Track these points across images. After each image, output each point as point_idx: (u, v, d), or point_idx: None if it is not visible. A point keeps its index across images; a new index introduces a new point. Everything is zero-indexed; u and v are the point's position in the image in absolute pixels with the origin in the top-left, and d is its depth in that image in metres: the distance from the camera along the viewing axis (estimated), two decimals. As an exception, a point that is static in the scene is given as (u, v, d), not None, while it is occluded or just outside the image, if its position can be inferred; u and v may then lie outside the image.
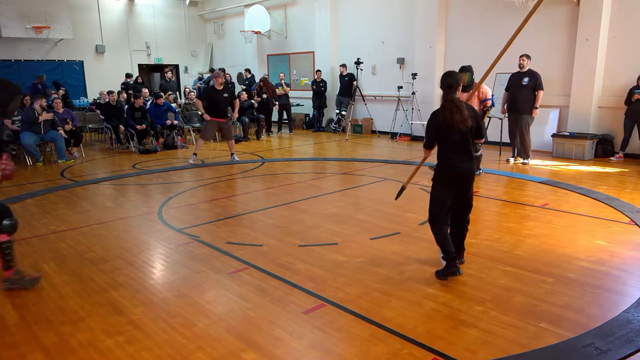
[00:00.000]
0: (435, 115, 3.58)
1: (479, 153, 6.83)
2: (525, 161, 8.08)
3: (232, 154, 8.93)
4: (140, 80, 14.29)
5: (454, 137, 3.49)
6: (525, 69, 7.74)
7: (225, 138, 9.06)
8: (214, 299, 3.41)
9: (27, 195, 6.51)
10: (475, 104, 6.57)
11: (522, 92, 7.73)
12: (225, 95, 8.65)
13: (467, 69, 6.62)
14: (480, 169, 7.22)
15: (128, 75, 14.55)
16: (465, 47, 10.46)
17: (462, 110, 3.44)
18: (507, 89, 8.00)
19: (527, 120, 7.82)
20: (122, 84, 13.94)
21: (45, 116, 8.90)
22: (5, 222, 3.51)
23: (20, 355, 2.71)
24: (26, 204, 6.10)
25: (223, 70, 14.45)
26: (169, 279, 3.74)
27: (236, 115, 9.41)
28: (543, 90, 7.79)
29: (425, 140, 3.74)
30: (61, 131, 9.15)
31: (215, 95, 8.56)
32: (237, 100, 9.19)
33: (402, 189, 4.20)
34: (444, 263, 3.65)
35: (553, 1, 8.91)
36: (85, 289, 3.56)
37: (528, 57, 7.80)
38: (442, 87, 3.52)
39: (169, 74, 14.46)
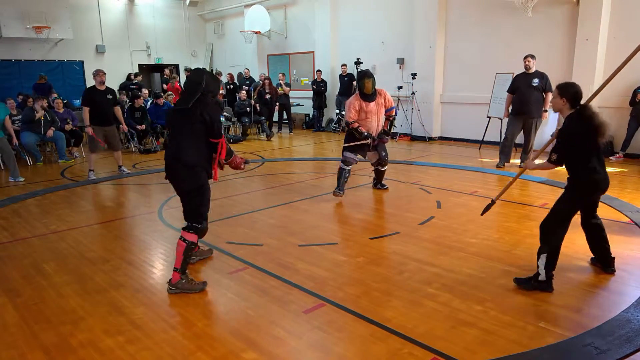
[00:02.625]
0: (571, 128, 3.33)
1: (384, 168, 6.40)
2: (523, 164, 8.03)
3: (119, 167, 7.87)
4: (134, 79, 14.34)
5: (595, 147, 3.30)
6: (532, 70, 7.50)
7: (111, 149, 7.75)
8: (214, 299, 3.42)
9: (28, 195, 6.51)
10: (381, 113, 6.01)
11: (533, 93, 7.43)
12: (109, 96, 7.39)
13: (370, 75, 5.79)
14: (385, 185, 6.56)
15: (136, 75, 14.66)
16: (465, 47, 10.47)
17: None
18: (512, 91, 7.69)
19: (538, 123, 7.62)
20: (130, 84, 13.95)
21: (50, 133, 8.93)
22: None
23: (20, 355, 2.72)
24: (26, 204, 6.10)
25: (191, 69, 14.49)
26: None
27: (125, 127, 8.45)
28: (552, 91, 7.67)
29: (557, 156, 3.36)
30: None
31: (96, 97, 7.21)
32: (119, 107, 7.95)
33: (492, 203, 4.03)
34: (542, 274, 3.35)
35: (553, 1, 8.91)
36: (85, 288, 3.56)
37: (533, 57, 7.54)
38: (568, 98, 3.43)
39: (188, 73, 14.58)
